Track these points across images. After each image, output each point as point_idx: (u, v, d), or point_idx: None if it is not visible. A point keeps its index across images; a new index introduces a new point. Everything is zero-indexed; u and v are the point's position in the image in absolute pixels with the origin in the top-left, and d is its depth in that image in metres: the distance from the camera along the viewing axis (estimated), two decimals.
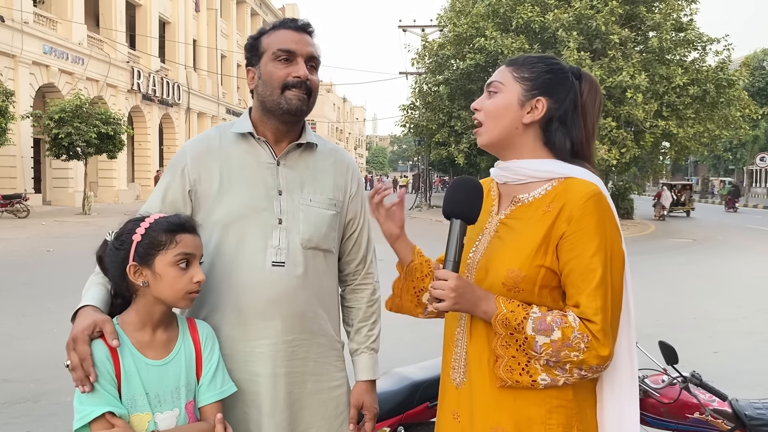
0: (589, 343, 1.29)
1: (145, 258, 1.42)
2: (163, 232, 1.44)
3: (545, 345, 1.30)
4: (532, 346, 1.31)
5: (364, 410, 1.77)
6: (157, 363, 1.45)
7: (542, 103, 1.42)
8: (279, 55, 1.62)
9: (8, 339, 5.79)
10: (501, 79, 1.46)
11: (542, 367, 1.32)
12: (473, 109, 1.49)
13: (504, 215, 1.47)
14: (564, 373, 1.32)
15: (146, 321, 1.46)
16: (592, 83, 1.47)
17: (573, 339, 1.29)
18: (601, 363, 1.30)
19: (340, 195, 1.76)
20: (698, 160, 49.88)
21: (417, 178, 39.64)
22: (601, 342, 1.29)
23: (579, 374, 1.32)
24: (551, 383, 1.32)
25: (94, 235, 14.14)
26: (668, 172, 37.82)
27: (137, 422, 1.40)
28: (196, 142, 1.73)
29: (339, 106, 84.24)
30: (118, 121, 21.22)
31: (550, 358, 1.31)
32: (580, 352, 1.29)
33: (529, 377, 1.33)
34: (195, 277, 1.45)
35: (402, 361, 3.00)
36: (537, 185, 1.43)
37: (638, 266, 10.77)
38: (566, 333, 1.29)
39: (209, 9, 37.44)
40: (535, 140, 1.45)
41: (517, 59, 1.48)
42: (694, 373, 2.40)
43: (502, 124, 1.43)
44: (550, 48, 18.48)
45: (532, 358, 1.32)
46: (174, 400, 1.46)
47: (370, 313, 1.85)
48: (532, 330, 1.31)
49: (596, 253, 1.32)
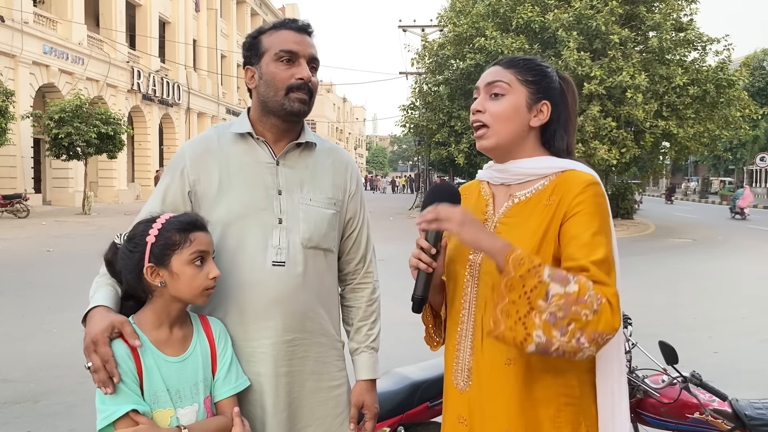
0: (602, 306, 1.22)
1: (161, 258, 1.44)
2: (176, 232, 1.45)
3: (558, 296, 1.21)
4: (544, 293, 1.22)
5: (365, 409, 1.77)
6: (176, 360, 1.48)
7: (547, 107, 1.45)
8: (282, 56, 1.62)
9: (8, 339, 5.79)
10: (506, 81, 1.45)
11: (541, 322, 1.21)
12: (475, 111, 1.48)
13: (502, 214, 1.47)
14: (562, 336, 1.21)
15: (163, 319, 1.48)
16: (571, 85, 1.53)
17: (588, 297, 1.21)
18: (609, 332, 1.22)
19: (339, 194, 1.76)
20: (698, 160, 49.87)
21: (417, 178, 39.67)
22: (614, 309, 1.23)
23: (577, 341, 1.21)
24: (543, 344, 1.22)
25: (94, 235, 14.17)
26: (668, 172, 37.82)
27: (160, 418, 1.42)
28: (194, 143, 1.73)
29: (339, 106, 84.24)
30: (118, 121, 21.24)
31: (557, 312, 1.21)
32: (591, 312, 1.21)
33: (523, 329, 1.22)
34: (211, 273, 1.48)
35: (402, 361, 3.00)
36: (534, 181, 1.45)
37: (638, 266, 10.77)
38: (583, 288, 1.22)
39: (209, 9, 37.45)
40: (535, 141, 1.48)
41: (515, 60, 1.49)
42: (694, 373, 2.40)
43: (512, 127, 1.44)
44: (549, 48, 18.48)
45: (535, 309, 1.22)
46: (193, 395, 1.49)
47: (370, 312, 1.85)
48: (548, 276, 1.23)
49: (598, 233, 1.32)
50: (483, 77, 1.49)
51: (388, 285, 2.64)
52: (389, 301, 2.86)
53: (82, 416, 3.88)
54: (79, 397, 4.16)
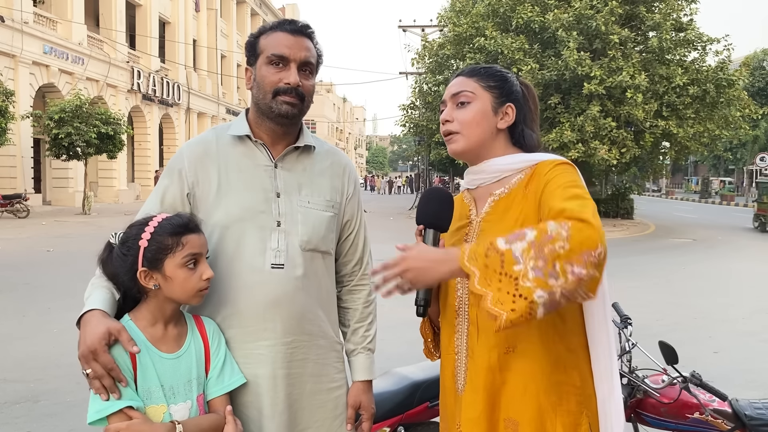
0: (572, 227, 1.17)
1: (154, 262, 1.45)
2: (168, 236, 1.45)
3: (524, 250, 1.18)
4: (512, 258, 1.19)
5: (362, 410, 1.78)
6: (171, 356, 1.49)
7: (512, 109, 1.53)
8: (272, 59, 1.62)
9: (8, 339, 5.79)
10: (470, 89, 1.52)
11: (532, 281, 1.17)
12: (443, 121, 1.55)
13: (485, 213, 1.51)
14: (557, 279, 1.16)
15: (158, 318, 1.50)
16: (530, 89, 1.61)
17: (551, 231, 1.18)
18: (592, 246, 1.16)
19: (337, 196, 1.77)
20: (698, 160, 49.88)
21: (417, 178, 39.66)
22: (586, 223, 1.18)
23: (573, 274, 1.16)
24: (549, 298, 1.17)
25: (94, 235, 14.15)
26: (668, 172, 37.81)
27: (153, 414, 1.43)
28: (193, 145, 1.73)
29: (339, 106, 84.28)
30: (118, 121, 21.23)
31: (537, 263, 1.17)
32: (564, 240, 1.16)
33: (524, 300, 1.17)
34: (204, 275, 1.49)
35: (402, 361, 3.00)
36: (511, 177, 1.50)
37: (638, 266, 10.77)
38: (542, 228, 1.19)
39: (209, 9, 37.44)
40: (505, 142, 1.55)
41: (475, 69, 1.56)
42: (694, 373, 2.40)
43: (479, 131, 1.51)
44: (549, 48, 18.49)
45: (518, 276, 1.18)
46: (186, 392, 1.50)
47: (367, 313, 1.85)
48: (504, 243, 1.21)
49: (570, 185, 1.34)
50: (448, 89, 1.56)
51: None
52: (389, 302, 2.85)
53: (82, 416, 3.84)
54: (79, 397, 4.15)
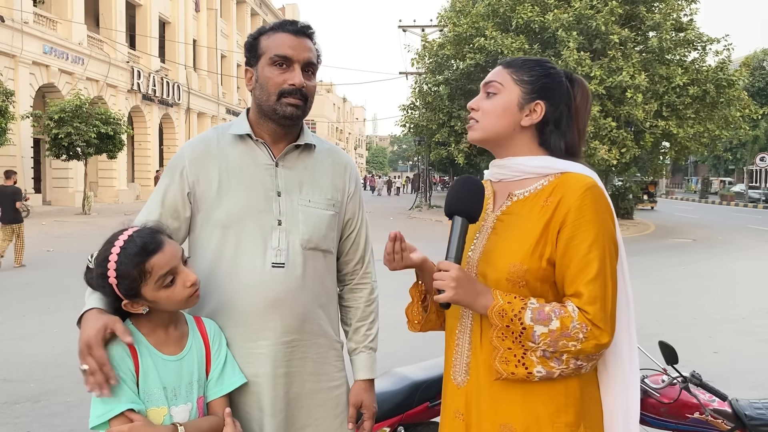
0: (589, 333, 1.30)
1: (132, 293, 1.42)
2: (132, 267, 1.39)
3: (543, 335, 1.30)
4: (530, 336, 1.31)
5: (363, 409, 1.78)
6: (173, 358, 1.49)
7: (540, 107, 1.46)
8: (276, 60, 1.62)
9: (8, 339, 5.79)
10: (500, 80, 1.48)
11: (538, 358, 1.32)
12: (470, 108, 1.51)
13: (500, 212, 1.49)
14: (560, 365, 1.32)
15: (158, 323, 1.49)
16: (583, 87, 1.52)
17: (572, 329, 1.29)
18: (598, 351, 1.32)
19: (338, 195, 1.77)
20: (698, 160, 49.87)
21: (417, 178, 39.65)
22: (601, 329, 1.30)
23: (575, 365, 1.32)
24: (546, 375, 1.33)
25: (94, 235, 14.13)
26: (668, 172, 37.82)
27: (153, 416, 1.43)
28: (194, 144, 1.73)
29: (339, 106, 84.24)
30: (118, 121, 21.22)
31: (548, 348, 1.31)
32: (578, 342, 1.29)
33: (524, 369, 1.33)
34: (187, 282, 1.46)
35: (402, 361, 3.00)
36: (533, 181, 1.46)
37: (638, 266, 10.77)
38: (565, 323, 1.30)
39: (209, 9, 37.43)
40: (531, 141, 1.49)
41: (514, 61, 1.51)
42: (694, 373, 2.40)
43: (499, 125, 1.46)
44: (549, 48, 18.48)
45: (529, 349, 1.32)
46: (188, 394, 1.49)
47: (368, 312, 1.85)
48: (530, 320, 1.31)
49: (594, 244, 1.34)
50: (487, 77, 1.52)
51: (389, 285, 2.65)
52: (389, 301, 2.86)
53: (82, 416, 3.86)
54: (79, 397, 4.16)
